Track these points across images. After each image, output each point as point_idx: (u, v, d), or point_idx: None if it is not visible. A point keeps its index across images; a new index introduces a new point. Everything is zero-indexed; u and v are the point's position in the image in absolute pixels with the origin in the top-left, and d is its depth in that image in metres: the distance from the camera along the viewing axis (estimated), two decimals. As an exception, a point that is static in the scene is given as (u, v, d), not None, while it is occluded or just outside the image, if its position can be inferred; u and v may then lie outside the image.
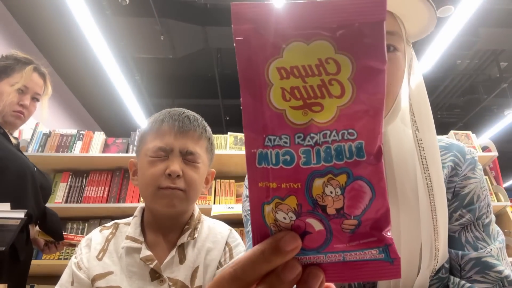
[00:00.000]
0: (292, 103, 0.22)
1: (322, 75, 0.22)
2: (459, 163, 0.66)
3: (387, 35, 0.40)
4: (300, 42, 0.22)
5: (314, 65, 0.22)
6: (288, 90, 0.22)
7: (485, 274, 0.56)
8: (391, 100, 0.59)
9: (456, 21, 3.36)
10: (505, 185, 6.05)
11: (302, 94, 0.22)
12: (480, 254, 0.58)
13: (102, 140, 2.41)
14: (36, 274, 2.19)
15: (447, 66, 4.83)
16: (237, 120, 6.43)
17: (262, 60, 0.22)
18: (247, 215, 0.75)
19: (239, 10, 0.23)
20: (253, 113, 0.23)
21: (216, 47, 4.48)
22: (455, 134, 2.59)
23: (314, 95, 0.22)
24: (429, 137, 0.58)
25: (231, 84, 5.34)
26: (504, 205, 2.31)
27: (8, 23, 3.71)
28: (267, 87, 0.22)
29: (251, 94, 0.23)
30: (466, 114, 5.82)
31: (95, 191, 2.27)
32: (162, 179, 0.81)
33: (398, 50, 0.60)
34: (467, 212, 0.63)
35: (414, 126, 0.58)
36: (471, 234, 0.61)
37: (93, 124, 5.89)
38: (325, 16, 0.22)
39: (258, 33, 0.22)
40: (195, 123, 0.88)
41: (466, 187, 0.64)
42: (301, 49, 0.22)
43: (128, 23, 3.88)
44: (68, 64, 4.58)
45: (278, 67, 0.22)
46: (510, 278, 0.55)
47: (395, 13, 0.59)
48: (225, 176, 2.42)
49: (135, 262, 0.81)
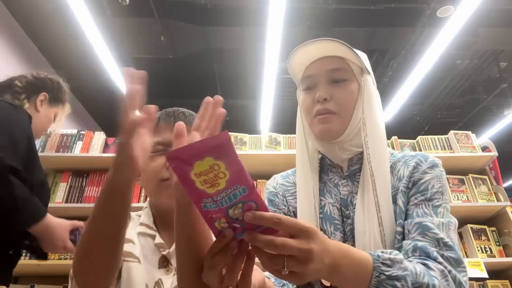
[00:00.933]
0: (205, 186, 0.49)
1: (214, 172, 0.48)
2: (420, 163, 0.82)
3: (334, 71, 0.87)
4: (199, 160, 0.48)
5: (208, 168, 0.48)
6: (202, 181, 0.49)
7: (424, 234, 0.70)
8: (347, 113, 0.84)
9: (455, 21, 3.37)
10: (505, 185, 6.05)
11: (207, 181, 0.48)
12: (422, 219, 0.73)
13: (102, 140, 2.41)
14: (36, 274, 2.19)
15: (447, 66, 4.83)
16: (237, 120, 6.45)
17: (186, 172, 0.49)
18: None
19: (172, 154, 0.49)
20: (193, 192, 0.50)
21: (216, 47, 4.49)
22: (455, 134, 2.59)
23: (214, 180, 0.48)
24: (375, 137, 0.82)
25: (231, 84, 5.34)
26: (504, 205, 2.31)
27: (8, 23, 3.72)
28: (193, 182, 0.49)
29: (189, 186, 0.50)
30: (466, 114, 5.83)
31: (95, 191, 2.27)
32: (163, 171, 0.83)
33: (346, 79, 0.86)
34: (420, 195, 0.78)
35: (364, 133, 0.82)
36: (420, 210, 0.75)
37: (93, 124, 5.90)
38: (206, 146, 0.48)
39: (181, 161, 0.48)
40: (190, 117, 0.91)
41: (423, 179, 0.80)
42: (199, 162, 0.48)
43: (128, 24, 3.89)
44: (68, 64, 4.59)
45: (194, 173, 0.48)
46: (445, 240, 0.69)
47: (342, 56, 0.86)
48: (225, 176, 2.42)
49: (148, 247, 0.83)
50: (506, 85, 4.82)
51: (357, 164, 0.87)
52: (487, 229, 2.35)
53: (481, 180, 2.50)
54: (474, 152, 2.49)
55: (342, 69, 0.86)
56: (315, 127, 0.86)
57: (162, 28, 3.89)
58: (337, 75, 0.86)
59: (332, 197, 0.86)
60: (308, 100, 0.87)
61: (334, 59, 0.87)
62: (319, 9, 3.63)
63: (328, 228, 0.82)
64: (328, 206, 0.85)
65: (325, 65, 0.86)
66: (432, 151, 2.55)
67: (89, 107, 5.60)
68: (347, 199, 0.84)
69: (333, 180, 0.88)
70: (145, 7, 3.61)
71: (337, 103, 0.84)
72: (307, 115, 0.88)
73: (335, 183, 0.87)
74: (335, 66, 0.86)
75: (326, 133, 0.85)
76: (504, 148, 4.35)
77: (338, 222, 0.82)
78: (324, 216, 0.83)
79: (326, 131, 0.84)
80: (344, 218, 0.83)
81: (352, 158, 0.87)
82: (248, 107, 5.99)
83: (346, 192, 0.85)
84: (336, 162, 0.89)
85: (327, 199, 0.86)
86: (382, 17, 3.99)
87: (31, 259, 2.05)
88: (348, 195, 0.84)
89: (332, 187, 0.87)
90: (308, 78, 0.89)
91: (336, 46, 0.84)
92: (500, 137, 5.68)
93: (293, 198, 0.91)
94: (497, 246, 2.30)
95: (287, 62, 0.90)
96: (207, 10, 3.96)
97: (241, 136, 2.49)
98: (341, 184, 0.87)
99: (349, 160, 0.87)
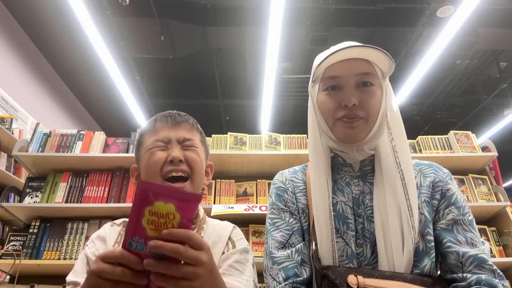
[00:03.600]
0: (149, 227, 0.52)
1: (166, 219, 0.52)
2: (438, 172, 0.88)
3: (364, 75, 0.84)
4: (162, 202, 0.52)
5: (165, 213, 0.52)
6: (149, 221, 0.52)
7: (481, 267, 0.74)
8: (374, 118, 0.84)
9: (456, 21, 3.37)
10: (505, 185, 6.05)
11: (154, 223, 0.52)
12: (477, 252, 0.75)
13: (102, 140, 2.41)
14: (36, 274, 2.19)
15: (447, 66, 4.83)
16: (237, 120, 6.44)
17: (144, 205, 0.52)
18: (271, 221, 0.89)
19: (144, 183, 0.54)
20: (133, 224, 0.53)
21: (216, 47, 4.49)
22: (455, 134, 2.59)
23: (160, 226, 0.52)
24: (401, 144, 0.83)
25: (231, 84, 5.33)
26: (504, 205, 2.31)
27: (8, 23, 3.71)
28: (142, 216, 0.52)
29: (135, 217, 0.53)
30: (465, 114, 5.83)
31: (95, 191, 2.27)
32: (165, 166, 0.84)
33: (373, 84, 0.84)
34: (454, 208, 0.82)
35: (390, 137, 0.84)
36: (461, 227, 0.79)
37: (93, 124, 5.90)
38: (176, 194, 0.53)
39: (147, 193, 0.52)
40: (185, 117, 0.94)
41: (450, 190, 0.84)
42: (161, 204, 0.52)
43: (128, 23, 3.88)
44: (69, 64, 4.58)
45: (149, 209, 0.52)
46: (498, 271, 0.74)
47: (370, 60, 0.84)
48: (225, 176, 2.42)
49: None
50: (506, 85, 4.82)
51: (369, 165, 0.88)
52: (487, 229, 2.35)
53: (481, 180, 2.50)
54: (474, 152, 2.49)
55: (370, 74, 0.84)
56: (339, 130, 0.84)
57: (162, 28, 3.89)
58: (366, 79, 0.83)
59: (344, 195, 0.85)
60: (331, 102, 0.84)
61: (363, 62, 0.84)
62: (319, 9, 3.63)
63: (341, 227, 0.82)
64: (341, 205, 0.84)
65: (355, 68, 0.83)
66: (432, 151, 2.55)
67: (89, 107, 5.61)
68: (359, 199, 0.84)
69: (344, 179, 0.88)
70: (145, 7, 3.61)
71: (365, 108, 0.82)
72: (329, 117, 0.85)
73: (346, 182, 0.87)
74: (365, 70, 0.83)
75: (352, 137, 0.84)
76: (504, 148, 4.35)
77: (351, 221, 0.82)
78: (337, 215, 0.83)
79: (353, 135, 0.83)
80: (356, 217, 0.83)
81: (365, 160, 0.88)
82: (248, 107, 5.99)
83: (357, 191, 0.85)
84: (348, 161, 0.89)
85: (339, 197, 0.85)
86: (382, 17, 4.00)
87: (31, 259, 2.05)
88: (360, 194, 0.85)
89: (344, 186, 0.87)
90: (333, 79, 0.85)
91: (368, 51, 0.82)
92: (500, 137, 5.68)
93: (302, 195, 0.90)
94: (497, 246, 2.30)
95: (320, 62, 0.84)
96: (207, 10, 3.96)
97: (241, 136, 2.49)
98: (352, 183, 0.86)
99: (362, 161, 0.88)
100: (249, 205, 2.22)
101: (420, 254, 0.77)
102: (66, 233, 2.17)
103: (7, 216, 2.41)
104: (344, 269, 0.74)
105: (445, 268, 0.78)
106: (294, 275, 0.79)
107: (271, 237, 0.86)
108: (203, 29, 4.07)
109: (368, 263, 0.79)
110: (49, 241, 2.14)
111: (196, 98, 5.77)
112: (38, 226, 2.18)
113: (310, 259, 0.82)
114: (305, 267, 0.82)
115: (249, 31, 4.05)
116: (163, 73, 5.27)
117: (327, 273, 0.74)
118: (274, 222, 0.88)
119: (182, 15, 3.96)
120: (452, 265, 0.76)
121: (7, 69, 3.68)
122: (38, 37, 4.10)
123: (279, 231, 0.85)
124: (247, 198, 2.34)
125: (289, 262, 0.80)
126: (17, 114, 3.55)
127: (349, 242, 0.80)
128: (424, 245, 0.77)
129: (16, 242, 2.13)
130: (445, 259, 0.78)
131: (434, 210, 0.82)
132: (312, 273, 0.81)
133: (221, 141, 2.47)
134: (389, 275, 0.73)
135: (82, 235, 2.17)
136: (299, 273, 0.80)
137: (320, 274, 0.75)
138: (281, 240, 0.84)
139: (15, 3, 3.63)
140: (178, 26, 4.04)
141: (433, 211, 0.82)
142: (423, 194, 0.83)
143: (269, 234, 0.87)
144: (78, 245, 2.13)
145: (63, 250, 2.11)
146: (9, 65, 3.72)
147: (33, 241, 2.13)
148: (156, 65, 4.98)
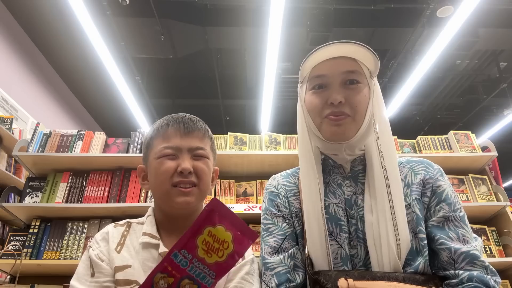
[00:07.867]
0: (202, 245, 0.53)
1: (221, 246, 0.53)
2: (429, 169, 0.86)
3: (350, 73, 0.84)
4: (223, 226, 0.53)
5: (223, 239, 0.53)
6: (205, 240, 0.53)
7: (473, 264, 0.74)
8: (361, 116, 0.83)
9: (455, 21, 3.37)
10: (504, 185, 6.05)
11: (209, 245, 0.53)
12: (469, 248, 0.75)
13: (102, 140, 2.41)
14: (36, 274, 2.19)
15: (447, 66, 4.84)
16: (237, 120, 6.44)
17: (206, 223, 0.54)
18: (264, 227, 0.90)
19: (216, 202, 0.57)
20: (186, 239, 0.54)
21: (216, 47, 4.48)
22: (455, 134, 2.59)
23: (214, 250, 0.52)
24: (386, 142, 0.82)
25: (231, 84, 5.33)
26: (503, 205, 2.31)
27: (8, 23, 3.71)
28: (199, 234, 0.55)
29: (192, 233, 0.55)
30: (465, 114, 5.83)
31: (95, 191, 2.27)
32: (174, 176, 0.84)
33: (360, 82, 0.84)
34: (445, 205, 0.81)
35: (375, 135, 0.83)
36: (452, 224, 0.79)
37: (93, 124, 5.90)
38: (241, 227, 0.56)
39: (213, 212, 0.53)
40: (198, 123, 0.92)
41: (440, 186, 0.83)
42: (220, 228, 0.53)
43: (128, 24, 3.88)
44: (69, 64, 4.59)
45: (209, 230, 0.54)
46: (491, 268, 0.74)
47: (356, 58, 0.84)
48: (225, 176, 2.42)
49: (151, 257, 0.82)
50: (506, 85, 4.82)
51: (360, 165, 0.87)
52: (487, 229, 2.35)
53: (481, 180, 2.50)
54: (474, 152, 2.49)
55: (356, 72, 0.84)
56: (326, 128, 0.84)
57: (162, 28, 3.90)
58: (352, 77, 0.83)
59: (336, 197, 0.85)
60: (317, 101, 0.84)
61: (349, 60, 0.84)
62: (319, 9, 3.63)
63: (334, 230, 0.81)
64: (333, 207, 0.84)
65: (340, 66, 0.83)
66: (432, 151, 2.55)
67: (89, 107, 5.61)
68: (351, 200, 0.84)
69: (336, 181, 0.87)
70: (145, 7, 3.61)
71: (352, 106, 0.82)
72: (316, 115, 0.85)
73: (338, 184, 0.87)
74: (350, 68, 0.83)
75: (340, 135, 0.83)
76: (504, 148, 4.35)
77: (344, 222, 0.82)
78: (330, 217, 0.82)
79: (340, 133, 0.83)
80: (349, 218, 0.83)
81: (355, 159, 0.87)
82: (248, 107, 5.99)
83: (349, 192, 0.85)
84: (339, 163, 0.88)
85: (331, 200, 0.85)
86: (382, 17, 4.00)
87: (31, 259, 2.05)
88: (352, 195, 0.84)
89: (336, 188, 0.86)
90: (319, 77, 0.85)
91: (353, 48, 0.82)
92: (500, 137, 5.68)
93: (295, 198, 0.90)
94: (497, 246, 2.30)
95: (304, 61, 0.85)
96: (207, 10, 3.96)
97: (241, 136, 2.49)
98: (344, 184, 0.86)
99: (352, 161, 0.87)
100: (249, 205, 2.23)
101: (413, 252, 0.77)
102: (66, 233, 2.17)
103: (7, 216, 2.41)
104: (334, 273, 0.74)
105: (437, 265, 0.77)
106: (287, 281, 0.79)
107: (264, 243, 0.86)
108: (203, 29, 4.07)
109: (362, 264, 0.79)
110: (49, 241, 2.14)
111: (196, 98, 5.77)
112: (38, 226, 2.19)
113: (304, 263, 0.82)
114: (298, 272, 0.82)
115: (249, 31, 4.05)
116: (163, 73, 5.27)
117: (318, 278, 0.74)
118: (267, 227, 0.88)
119: (182, 15, 3.96)
120: (444, 262, 0.76)
121: (7, 69, 3.68)
122: (38, 37, 4.10)
123: (272, 237, 0.86)
124: (247, 198, 2.34)
125: (282, 267, 0.81)
126: (17, 114, 3.56)
127: (343, 244, 0.80)
128: (417, 244, 0.77)
129: (17, 242, 2.13)
130: (437, 256, 0.78)
131: (425, 207, 0.82)
132: (305, 278, 0.80)
133: (221, 141, 2.47)
134: (380, 276, 0.73)
135: (82, 235, 2.17)
136: (292, 278, 0.80)
137: (312, 279, 0.76)
138: (274, 245, 0.84)
139: (15, 3, 3.63)
140: (178, 26, 4.04)
141: (424, 208, 0.82)
142: (414, 192, 0.83)
143: (263, 239, 0.87)
144: (78, 245, 2.13)
145: (63, 250, 2.11)
146: (10, 65, 3.72)
147: (33, 241, 2.13)
148: (156, 65, 4.98)
